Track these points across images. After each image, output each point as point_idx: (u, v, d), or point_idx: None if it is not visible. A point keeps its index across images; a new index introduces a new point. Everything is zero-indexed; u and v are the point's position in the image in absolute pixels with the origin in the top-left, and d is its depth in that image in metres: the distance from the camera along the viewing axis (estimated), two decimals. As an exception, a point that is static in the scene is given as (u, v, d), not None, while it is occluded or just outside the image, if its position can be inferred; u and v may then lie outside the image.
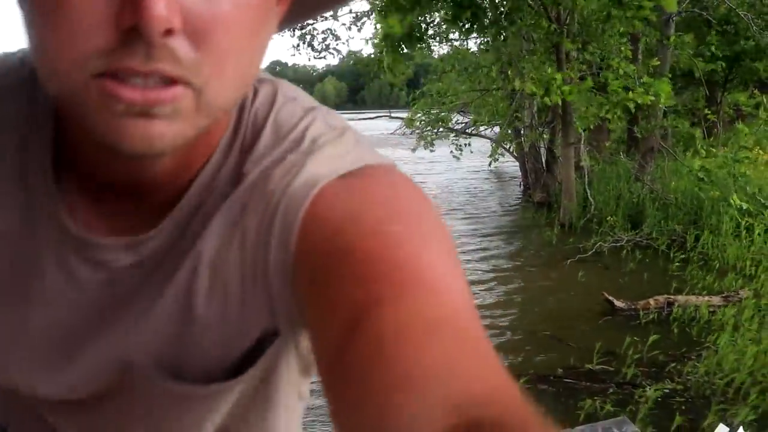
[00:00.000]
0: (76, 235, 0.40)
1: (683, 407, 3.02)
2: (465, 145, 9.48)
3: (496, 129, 9.39)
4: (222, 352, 0.41)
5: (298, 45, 9.77)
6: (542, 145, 8.38)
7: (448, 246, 0.37)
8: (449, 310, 0.32)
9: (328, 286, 0.34)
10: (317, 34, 10.04)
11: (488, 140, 9.58)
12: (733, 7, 6.65)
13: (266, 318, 0.40)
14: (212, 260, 0.39)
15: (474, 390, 0.27)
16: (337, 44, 12.38)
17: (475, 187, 10.33)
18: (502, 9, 5.14)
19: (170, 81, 0.31)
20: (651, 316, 4.14)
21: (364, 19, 9.26)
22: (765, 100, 8.03)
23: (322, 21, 8.81)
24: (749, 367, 3.23)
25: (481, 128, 9.87)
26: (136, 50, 0.29)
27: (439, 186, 10.31)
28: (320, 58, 11.60)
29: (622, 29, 5.90)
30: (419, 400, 0.27)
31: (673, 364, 3.46)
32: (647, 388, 3.12)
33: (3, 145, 0.41)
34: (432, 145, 9.25)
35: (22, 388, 0.44)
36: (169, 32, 0.29)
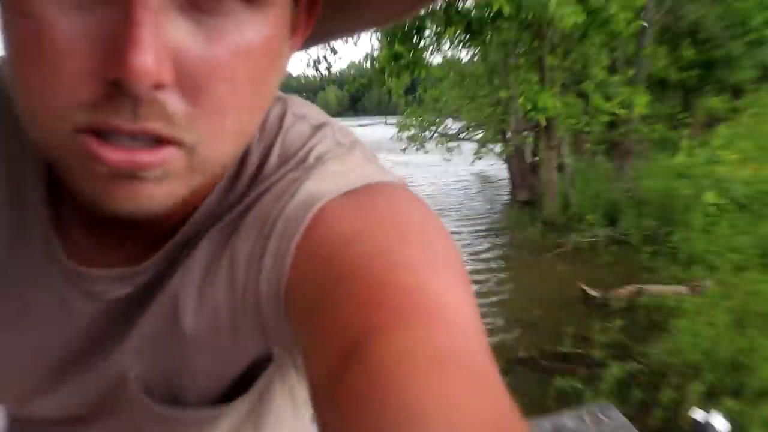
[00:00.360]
0: (70, 267, 0.37)
1: (644, 384, 3.18)
2: (456, 146, 9.66)
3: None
4: (214, 376, 0.38)
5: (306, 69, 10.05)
6: (527, 148, 8.53)
7: (460, 271, 0.33)
8: (459, 343, 0.27)
9: (324, 311, 0.30)
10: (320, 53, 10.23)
11: (477, 143, 9.74)
12: (702, 17, 6.82)
13: (259, 343, 0.37)
14: (200, 280, 0.36)
15: None
16: (335, 59, 12.73)
17: (466, 189, 10.46)
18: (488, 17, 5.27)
19: (159, 140, 0.27)
20: (621, 304, 4.27)
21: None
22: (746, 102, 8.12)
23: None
24: (705, 348, 3.39)
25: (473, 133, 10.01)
26: (122, 106, 0.26)
27: (433, 188, 10.48)
28: (326, 81, 11.71)
29: (599, 41, 6.05)
30: None
31: (637, 347, 3.61)
32: (612, 367, 3.28)
33: None
34: (423, 147, 9.43)
35: (18, 407, 0.42)
36: (159, 86, 0.25)
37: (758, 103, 7.78)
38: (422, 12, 5.89)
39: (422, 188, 10.36)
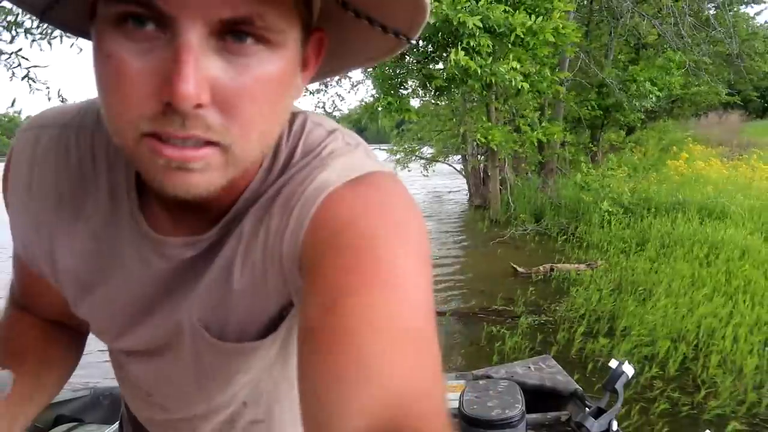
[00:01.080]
0: (152, 236, 0.38)
1: (548, 329, 3.45)
2: (431, 166, 10.04)
3: (454, 157, 9.95)
4: (252, 318, 0.39)
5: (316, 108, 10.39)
6: (480, 167, 8.81)
7: (424, 253, 0.33)
8: (409, 310, 0.29)
9: (320, 271, 0.31)
10: (329, 99, 10.56)
11: (446, 164, 10.09)
12: (603, 76, 7.20)
13: (283, 293, 0.37)
14: (245, 247, 0.37)
15: (404, 394, 0.25)
16: (342, 103, 13.00)
17: (439, 198, 10.74)
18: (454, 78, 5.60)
19: (203, 142, 0.28)
20: (539, 277, 4.53)
21: (359, 85, 9.68)
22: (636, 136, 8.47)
23: (332, 87, 9.33)
24: (592, 306, 3.67)
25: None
26: (174, 119, 0.27)
27: (414, 197, 10.69)
28: (338, 119, 12.04)
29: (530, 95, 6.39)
30: (357, 392, 0.25)
31: (547, 305, 3.87)
32: (526, 318, 3.58)
33: (99, 167, 0.39)
34: (407, 166, 9.80)
35: (112, 341, 0.44)
36: (199, 106, 0.27)
37: (638, 138, 8.19)
38: (403, 71, 6.25)
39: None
